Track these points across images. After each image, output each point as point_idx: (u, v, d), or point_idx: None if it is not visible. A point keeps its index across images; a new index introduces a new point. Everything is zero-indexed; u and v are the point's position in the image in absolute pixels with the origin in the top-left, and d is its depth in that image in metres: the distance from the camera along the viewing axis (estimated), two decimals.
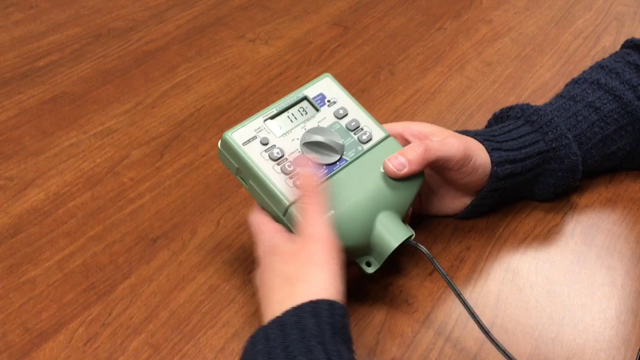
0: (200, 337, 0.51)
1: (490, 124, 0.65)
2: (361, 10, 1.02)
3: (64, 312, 0.53)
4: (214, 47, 0.91)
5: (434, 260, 0.50)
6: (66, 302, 0.54)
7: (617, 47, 0.92)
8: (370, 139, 0.54)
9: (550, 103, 0.64)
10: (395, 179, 0.52)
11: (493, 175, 0.56)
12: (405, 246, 0.51)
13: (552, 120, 0.59)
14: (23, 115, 0.76)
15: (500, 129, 0.60)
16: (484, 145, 0.57)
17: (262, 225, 0.50)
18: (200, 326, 0.52)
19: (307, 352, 0.39)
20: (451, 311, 0.53)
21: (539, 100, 0.80)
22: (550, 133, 0.58)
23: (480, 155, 0.55)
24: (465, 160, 0.54)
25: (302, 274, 0.44)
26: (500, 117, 0.64)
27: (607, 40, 0.94)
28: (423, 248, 0.50)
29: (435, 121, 0.76)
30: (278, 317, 0.41)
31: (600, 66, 0.66)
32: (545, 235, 0.61)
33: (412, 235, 0.51)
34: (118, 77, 0.84)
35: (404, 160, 0.52)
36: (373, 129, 0.54)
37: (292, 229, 0.50)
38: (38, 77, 0.83)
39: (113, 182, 0.66)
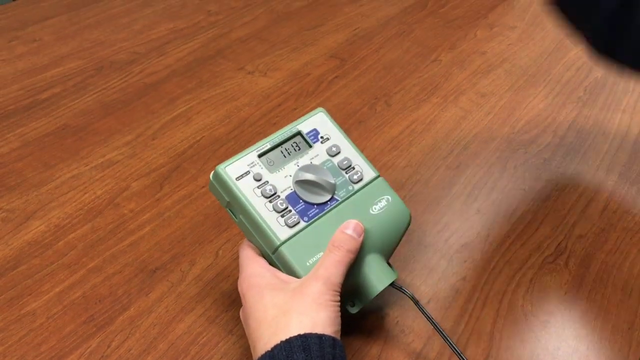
0: None
1: None
2: (358, 43, 1.04)
3: (63, 345, 0.53)
4: (213, 79, 0.93)
5: (418, 303, 0.51)
6: (66, 334, 0.54)
7: (610, 79, 0.95)
8: (361, 179, 0.54)
9: None
10: (384, 223, 0.53)
11: None
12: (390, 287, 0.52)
13: None
14: (25, 148, 0.77)
15: None
16: None
17: (248, 260, 0.50)
18: (199, 358, 0.52)
19: None
20: None
21: (533, 131, 0.82)
22: None
23: None
24: None
25: (300, 307, 0.45)
26: None
27: (598, 72, 0.96)
28: (407, 292, 0.51)
29: (430, 152, 0.78)
30: (268, 352, 0.42)
31: None
32: (540, 266, 0.61)
33: (396, 278, 0.52)
34: (119, 109, 0.85)
35: None
36: (364, 169, 0.55)
37: (279, 267, 0.50)
38: (41, 109, 0.85)
39: (113, 213, 0.67)
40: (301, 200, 0.51)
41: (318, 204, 0.52)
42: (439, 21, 1.12)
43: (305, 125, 0.55)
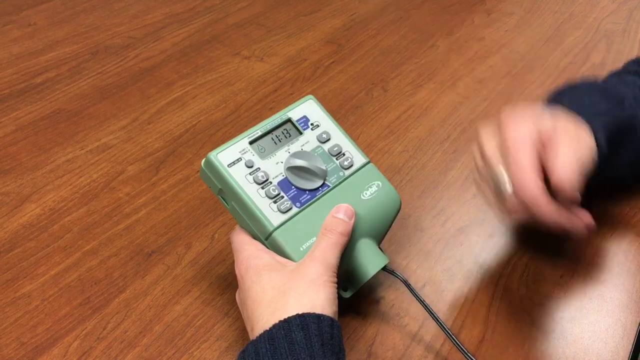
0: (194, 351, 0.52)
1: (548, 98, 0.61)
2: (355, 28, 1.04)
3: (59, 326, 0.53)
4: (209, 64, 0.92)
5: (410, 286, 0.51)
6: (61, 316, 0.54)
7: (607, 64, 0.94)
8: (352, 165, 0.55)
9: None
10: (375, 208, 0.53)
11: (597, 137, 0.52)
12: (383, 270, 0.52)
13: (624, 93, 0.58)
14: (20, 132, 0.77)
15: (581, 94, 0.57)
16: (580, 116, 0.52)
17: (244, 244, 0.50)
18: (194, 340, 0.53)
19: None
20: None
21: None
22: (626, 102, 0.57)
23: (584, 140, 0.50)
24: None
25: (298, 287, 0.45)
26: (560, 92, 0.60)
27: (596, 58, 0.95)
28: (399, 275, 0.51)
29: (427, 137, 0.78)
30: (267, 331, 0.42)
31: (635, 61, 0.68)
32: (535, 250, 0.62)
33: (387, 262, 0.52)
34: (115, 93, 0.85)
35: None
36: (354, 155, 0.55)
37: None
38: (35, 93, 0.84)
39: (109, 197, 0.67)
40: (293, 187, 0.52)
41: (310, 190, 0.52)
42: (436, 7, 1.12)
43: (295, 112, 0.55)
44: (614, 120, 0.54)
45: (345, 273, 0.51)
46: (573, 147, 0.48)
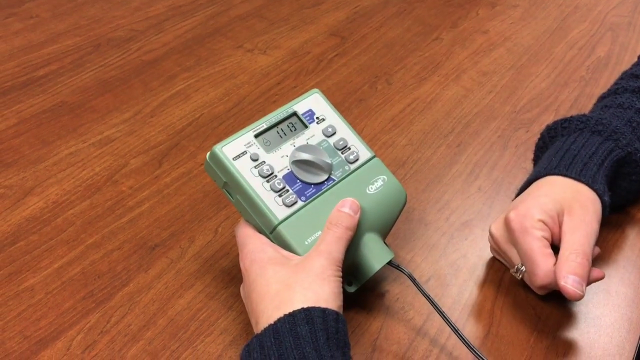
0: (198, 345, 0.51)
1: (543, 137, 0.65)
2: (358, 21, 1.03)
3: (62, 320, 0.53)
4: (212, 56, 0.92)
5: (416, 281, 0.51)
6: (65, 310, 0.54)
7: (612, 58, 0.94)
8: (357, 159, 0.54)
9: (600, 113, 0.64)
10: (380, 203, 0.53)
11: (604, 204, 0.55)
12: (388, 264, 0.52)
13: (618, 127, 0.59)
14: (23, 125, 0.76)
15: (573, 144, 0.59)
16: (582, 181, 0.55)
17: (249, 238, 0.50)
18: (198, 333, 0.52)
19: (301, 358, 0.39)
20: None
21: (534, 110, 0.81)
22: (622, 139, 0.59)
23: (586, 206, 0.54)
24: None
25: (303, 281, 0.45)
26: (554, 129, 0.63)
27: (601, 51, 0.95)
28: (405, 270, 0.51)
29: (431, 130, 0.77)
30: (272, 325, 0.42)
31: (633, 75, 0.68)
32: None
33: (392, 257, 0.52)
34: (117, 86, 0.84)
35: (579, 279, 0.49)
36: (360, 149, 0.55)
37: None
38: (38, 86, 0.84)
39: (112, 190, 0.67)
40: (298, 180, 0.51)
41: (315, 184, 0.52)
42: None
43: (300, 105, 0.55)
44: (613, 165, 0.58)
45: (350, 267, 0.51)
46: (581, 232, 0.52)
